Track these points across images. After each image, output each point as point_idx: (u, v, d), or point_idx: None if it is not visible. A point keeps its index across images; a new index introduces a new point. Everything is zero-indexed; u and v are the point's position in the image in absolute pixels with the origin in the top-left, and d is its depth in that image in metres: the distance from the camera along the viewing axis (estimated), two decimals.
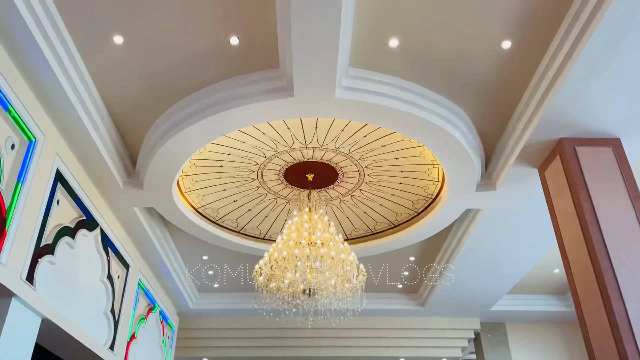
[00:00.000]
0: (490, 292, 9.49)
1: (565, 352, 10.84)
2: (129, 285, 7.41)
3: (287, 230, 6.52)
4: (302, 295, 6.41)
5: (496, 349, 10.79)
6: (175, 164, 5.87)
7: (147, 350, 8.32)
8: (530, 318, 10.88)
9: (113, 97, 5.33)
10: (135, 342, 7.69)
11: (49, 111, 4.96)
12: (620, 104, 4.79)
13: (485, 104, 5.45)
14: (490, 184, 6.34)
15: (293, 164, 6.55)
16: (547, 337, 10.99)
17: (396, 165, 6.51)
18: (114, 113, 5.54)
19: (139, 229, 7.19)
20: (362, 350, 10.77)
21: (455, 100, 5.42)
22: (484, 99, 5.38)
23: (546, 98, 4.84)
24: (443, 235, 8.02)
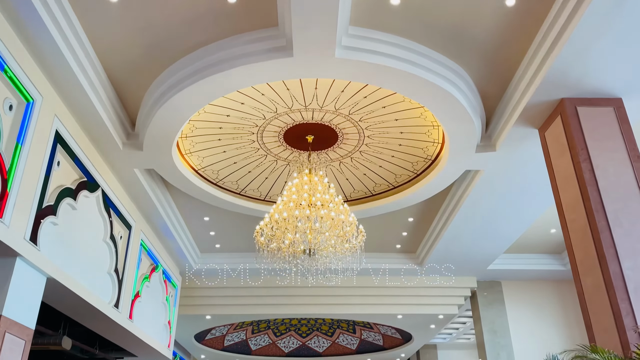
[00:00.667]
0: (488, 251, 9.60)
1: (560, 309, 11.08)
2: (132, 246, 7.50)
3: (287, 191, 6.54)
4: (302, 255, 6.48)
5: (492, 306, 11.01)
6: (174, 126, 5.83)
7: (151, 308, 8.50)
8: (526, 276, 11.06)
9: (110, 57, 5.24)
10: (140, 301, 7.83)
11: (46, 72, 4.88)
12: (623, 63, 4.71)
13: (487, 64, 5.37)
14: (490, 145, 6.32)
15: (293, 126, 6.51)
16: (542, 295, 11.20)
17: (396, 127, 6.47)
18: (111, 74, 5.46)
19: (140, 191, 7.21)
20: (360, 307, 11.00)
21: (457, 60, 5.33)
22: (486, 58, 5.29)
23: (549, 57, 4.76)
24: (442, 196, 8.06)
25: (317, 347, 15.58)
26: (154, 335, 8.55)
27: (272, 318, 12.92)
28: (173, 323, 9.84)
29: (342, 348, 15.43)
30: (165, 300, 9.33)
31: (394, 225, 9.17)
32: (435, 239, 9.25)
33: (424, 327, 12.17)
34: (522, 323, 10.91)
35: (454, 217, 8.13)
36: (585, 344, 3.66)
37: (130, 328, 7.37)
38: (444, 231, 8.72)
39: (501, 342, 10.63)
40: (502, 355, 10.49)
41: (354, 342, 15.18)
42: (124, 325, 7.09)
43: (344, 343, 15.30)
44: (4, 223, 4.33)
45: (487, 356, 10.49)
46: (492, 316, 10.91)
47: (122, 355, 9.11)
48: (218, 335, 13.95)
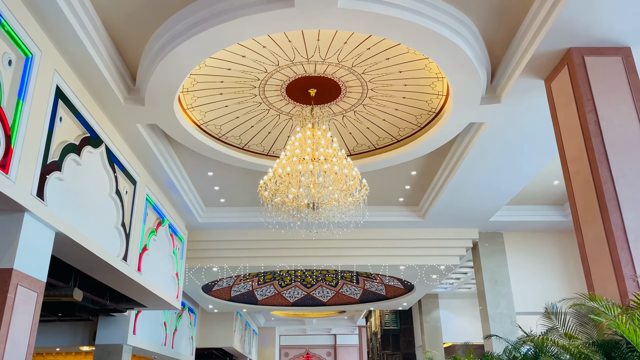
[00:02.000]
0: (490, 203, 9.68)
1: (560, 259, 11.25)
2: (137, 200, 7.57)
3: (290, 146, 6.53)
4: (306, 209, 6.55)
5: (493, 257, 11.19)
6: (175, 80, 5.76)
7: (159, 261, 8.67)
8: (528, 228, 11.18)
9: (108, 10, 5.11)
10: (147, 254, 7.98)
11: (44, 26, 4.78)
12: (632, 10, 4.57)
13: (493, 13, 5.22)
14: (495, 97, 6.24)
15: (295, 79, 6.41)
16: (543, 246, 11.36)
17: (400, 79, 6.37)
18: (110, 27, 5.34)
19: (143, 146, 7.21)
20: (364, 259, 11.19)
21: (463, 9, 5.18)
22: (492, 7, 5.14)
23: (557, 5, 4.61)
24: (445, 150, 8.03)
25: (321, 297, 15.98)
26: (162, 287, 8.76)
27: (277, 269, 13.21)
28: (181, 275, 10.06)
29: (346, 298, 15.83)
30: (173, 254, 9.51)
31: (397, 179, 9.21)
32: (438, 192, 9.30)
33: (425, 278, 12.43)
34: (523, 273, 11.12)
35: (457, 170, 8.13)
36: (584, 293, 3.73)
37: (139, 280, 7.55)
38: (446, 184, 8.76)
39: (501, 291, 10.86)
40: (502, 303, 10.74)
41: (357, 292, 15.55)
42: (132, 277, 7.26)
43: (348, 293, 15.68)
44: (10, 179, 4.36)
45: (487, 304, 10.75)
46: (493, 266, 11.11)
47: (132, 306, 9.37)
48: (225, 287, 14.30)
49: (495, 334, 8.90)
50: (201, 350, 17.19)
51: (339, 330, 30.92)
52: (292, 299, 16.03)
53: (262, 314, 22.67)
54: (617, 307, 3.43)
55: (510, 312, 10.67)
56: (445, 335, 16.12)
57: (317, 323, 26.70)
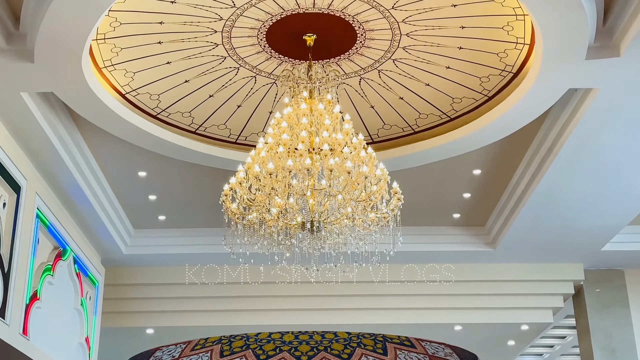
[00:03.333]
0: (602, 223, 9.68)
1: None
2: (22, 219, 7.56)
3: (273, 128, 6.52)
4: (301, 232, 6.54)
5: (609, 310, 11.17)
6: (83, 20, 5.73)
7: (57, 317, 8.67)
8: None
9: None
10: (38, 306, 7.97)
11: None
12: None
13: None
14: (611, 46, 6.23)
15: (281, 18, 6.43)
16: None
17: (454, 18, 6.38)
18: None
19: (33, 129, 7.21)
20: (394, 315, 11.21)
21: None
22: None
23: None
24: (529, 134, 8.04)
25: None
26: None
27: (251, 332, 13.16)
28: (94, 341, 10.03)
29: None
30: (81, 305, 9.50)
31: (451, 183, 9.23)
32: (516, 205, 9.31)
33: (497, 345, 12.39)
34: None
35: (548, 167, 8.14)
36: None
37: (25, 349, 7.54)
38: (531, 192, 8.76)
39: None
40: None
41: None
42: (13, 344, 7.24)
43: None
44: None
45: None
46: (609, 326, 11.09)
47: None
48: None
49: None
50: None
51: None
52: None
53: None
54: None
55: None
56: None
57: None
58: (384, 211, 6.53)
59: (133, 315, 11.13)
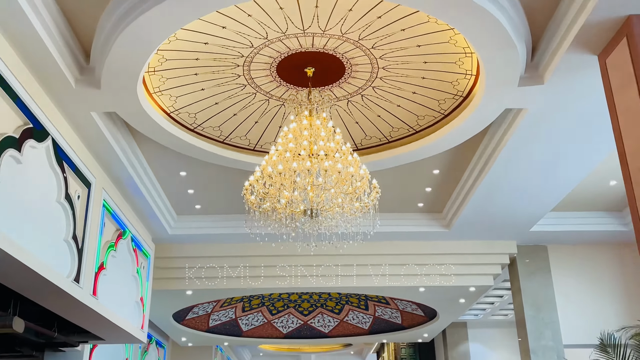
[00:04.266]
0: (531, 210, 9.70)
1: (619, 278, 11.27)
2: (92, 207, 7.57)
3: (282, 139, 6.54)
4: (303, 217, 6.56)
5: (535, 276, 11.22)
6: (138, 57, 5.75)
7: (119, 282, 8.68)
8: (578, 239, 11.21)
9: None
10: (105, 274, 7.99)
11: None
12: None
13: None
14: (537, 76, 6.24)
15: (288, 56, 6.43)
16: (598, 262, 11.38)
17: (419, 55, 6.38)
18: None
19: (100, 139, 7.22)
20: (374, 279, 11.22)
21: None
22: None
23: None
24: (475, 143, 8.05)
25: (321, 326, 15.99)
26: (123, 315, 8.77)
27: (266, 293, 13.20)
28: (147, 300, 10.06)
29: (352, 327, 15.84)
30: (136, 273, 9.52)
31: (416, 179, 9.22)
32: (466, 196, 9.32)
33: (451, 302, 12.43)
34: (572, 296, 11.14)
35: (490, 167, 8.15)
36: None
37: (95, 306, 7.55)
38: (477, 186, 8.77)
39: (545, 318, 10.88)
40: (547, 333, 10.76)
41: (366, 320, 15.56)
42: (86, 302, 7.26)
43: (354, 321, 15.69)
44: None
45: (529, 335, 10.78)
46: (536, 288, 11.12)
47: (87, 339, 9.36)
48: (201, 314, 14.31)
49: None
50: None
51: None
52: (285, 330, 16.04)
53: (248, 348, 22.70)
54: None
55: (557, 345, 10.69)
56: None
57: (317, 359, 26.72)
58: (366, 201, 6.56)
59: (176, 281, 11.16)
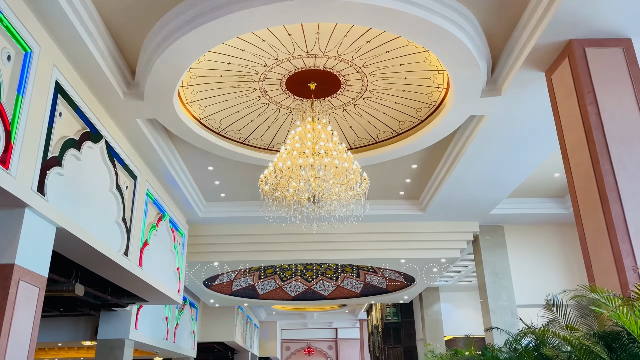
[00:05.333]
0: (491, 196, 9.69)
1: (561, 251, 11.28)
2: (138, 195, 7.58)
3: (290, 140, 6.53)
4: (307, 203, 6.56)
5: (493, 250, 11.22)
6: (174, 74, 5.75)
7: (159, 256, 8.69)
8: (529, 220, 11.20)
9: (107, 4, 5.09)
10: (148, 249, 8.00)
11: (42, 20, 4.78)
12: (634, 1, 4.56)
13: (494, 4, 5.20)
14: (496, 89, 6.23)
15: (295, 73, 6.40)
16: (544, 238, 11.38)
17: (400, 72, 6.36)
18: (108, 21, 5.33)
19: (143, 141, 7.21)
20: (364, 253, 11.22)
21: (463, 1, 5.16)
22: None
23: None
24: (445, 143, 8.03)
25: (322, 290, 16.03)
26: (163, 281, 8.79)
27: (277, 264, 13.23)
28: (182, 270, 10.09)
29: (347, 291, 15.87)
30: (174, 248, 9.53)
31: (398, 172, 9.21)
32: (438, 185, 9.31)
33: (426, 271, 12.46)
34: (523, 265, 11.15)
35: (457, 163, 8.14)
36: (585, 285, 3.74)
37: (141, 275, 7.57)
38: (447, 177, 8.76)
39: (502, 283, 10.90)
40: (503, 296, 10.78)
41: (358, 285, 15.59)
42: (134, 272, 7.28)
43: (349, 287, 15.72)
44: (10, 174, 4.36)
45: (488, 297, 10.79)
46: (494, 259, 11.14)
47: (134, 301, 9.40)
48: (226, 281, 14.34)
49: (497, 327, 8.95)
50: (203, 345, 17.25)
51: (340, 324, 31.04)
52: (293, 293, 16.07)
53: (264, 308, 22.75)
54: (618, 298, 3.44)
55: (511, 305, 10.71)
56: (446, 328, 16.20)
57: (318, 317, 26.78)
58: (358, 190, 6.56)
59: (205, 254, 11.17)
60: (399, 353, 17.60)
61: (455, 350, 9.32)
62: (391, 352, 17.73)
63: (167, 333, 12.47)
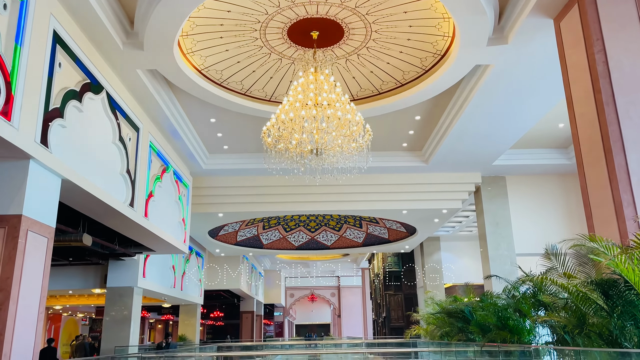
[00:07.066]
0: (494, 147, 9.64)
1: (562, 202, 11.32)
2: (141, 147, 7.57)
3: (292, 91, 6.43)
4: (310, 155, 6.54)
5: (495, 200, 11.27)
6: (173, 23, 5.60)
7: (165, 207, 8.78)
8: (531, 171, 11.19)
9: None
10: (153, 200, 8.07)
11: None
12: None
13: None
14: (502, 37, 6.07)
15: (296, 21, 6.23)
16: (546, 189, 11.40)
17: (405, 20, 6.18)
18: None
19: (144, 92, 7.12)
20: (367, 204, 11.31)
21: None
22: None
23: None
24: (450, 93, 7.91)
25: (325, 240, 16.27)
26: (169, 232, 8.92)
27: (281, 215, 13.38)
28: (187, 220, 10.22)
29: (349, 241, 16.11)
30: (178, 199, 9.61)
31: (401, 124, 9.13)
32: (441, 137, 9.25)
33: (428, 221, 12.58)
34: (524, 216, 11.23)
35: (461, 114, 8.05)
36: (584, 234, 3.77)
37: (146, 225, 7.67)
38: (450, 129, 8.70)
39: (502, 233, 11.01)
40: (502, 245, 10.92)
41: (360, 235, 15.81)
42: (140, 222, 7.37)
43: (351, 237, 15.94)
44: (13, 126, 4.34)
45: (488, 246, 10.94)
46: (495, 209, 11.21)
47: (141, 250, 9.58)
48: (231, 231, 14.55)
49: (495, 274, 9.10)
50: (209, 292, 17.74)
51: (343, 272, 31.74)
52: (296, 243, 16.33)
53: (268, 258, 23.20)
54: (616, 247, 3.48)
55: (511, 254, 10.86)
56: (446, 276, 16.54)
57: (321, 266, 27.35)
58: (361, 142, 6.52)
59: (210, 205, 11.28)
60: (400, 300, 18.07)
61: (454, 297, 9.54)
62: (392, 299, 18.19)
63: (174, 281, 12.78)
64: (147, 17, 5.54)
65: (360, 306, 31.14)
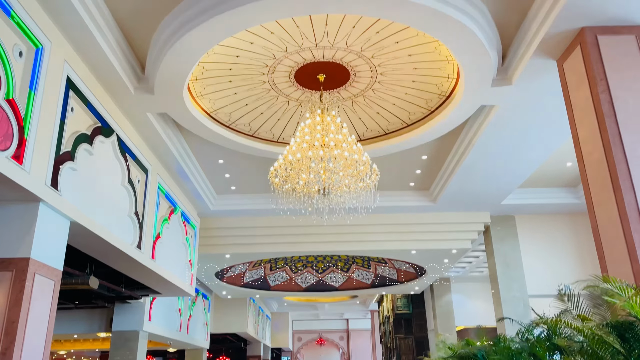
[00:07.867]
0: (502, 187, 9.61)
1: (573, 242, 11.16)
2: (150, 189, 7.63)
3: (300, 132, 6.51)
4: (317, 195, 6.56)
5: (505, 240, 11.14)
6: (183, 68, 5.76)
7: (172, 248, 8.76)
8: (540, 210, 11.10)
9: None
10: (161, 241, 8.07)
11: (53, 16, 4.81)
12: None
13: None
14: (506, 78, 6.16)
15: (303, 65, 6.38)
16: (556, 229, 11.27)
17: (410, 63, 6.31)
18: (118, 16, 5.34)
19: (154, 135, 7.24)
20: (375, 244, 11.21)
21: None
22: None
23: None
24: (456, 133, 7.97)
25: (333, 282, 16.07)
26: (176, 274, 8.87)
27: (288, 255, 13.28)
28: (194, 262, 10.17)
29: (358, 282, 15.90)
30: (185, 241, 9.60)
31: (408, 164, 9.17)
32: (449, 176, 9.26)
33: (437, 262, 12.43)
34: (535, 256, 11.06)
35: (468, 153, 8.08)
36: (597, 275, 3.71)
37: (153, 267, 7.64)
38: (457, 168, 8.71)
39: (514, 274, 10.83)
40: (514, 287, 10.72)
41: (369, 276, 15.61)
42: (146, 264, 7.35)
43: (359, 278, 15.74)
44: (24, 170, 4.41)
45: (500, 288, 10.74)
46: (505, 250, 11.06)
47: (147, 293, 9.50)
48: (238, 273, 14.43)
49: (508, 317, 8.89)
50: (216, 336, 17.42)
51: (352, 314, 31.12)
52: (304, 285, 16.14)
53: (275, 300, 22.87)
54: (631, 288, 3.41)
55: (523, 295, 10.65)
56: (457, 318, 16.17)
57: (330, 308, 26.87)
58: (368, 182, 6.54)
59: (217, 247, 11.22)
60: (411, 343, 17.62)
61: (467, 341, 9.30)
62: (403, 343, 17.75)
63: (180, 324, 12.60)
64: (158, 63, 5.70)
65: (370, 350, 30.35)
